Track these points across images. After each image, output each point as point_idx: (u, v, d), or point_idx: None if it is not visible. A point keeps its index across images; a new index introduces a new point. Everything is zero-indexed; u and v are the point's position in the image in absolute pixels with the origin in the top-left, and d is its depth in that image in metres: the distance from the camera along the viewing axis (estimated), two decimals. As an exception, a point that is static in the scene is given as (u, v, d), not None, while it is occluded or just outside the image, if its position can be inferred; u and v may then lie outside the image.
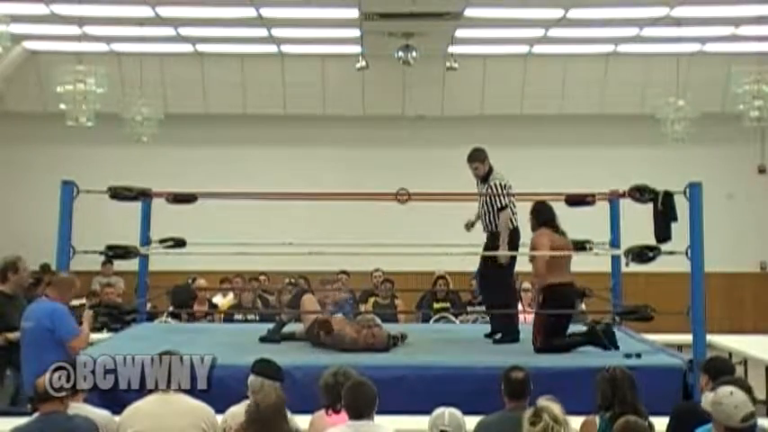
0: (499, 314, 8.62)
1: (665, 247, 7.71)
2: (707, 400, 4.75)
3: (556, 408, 4.67)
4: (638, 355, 7.44)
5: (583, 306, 11.26)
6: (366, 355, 7.66)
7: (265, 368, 5.57)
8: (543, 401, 4.78)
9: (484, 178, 8.61)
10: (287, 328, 8.66)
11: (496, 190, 8.45)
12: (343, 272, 12.87)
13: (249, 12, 12.39)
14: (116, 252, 8.48)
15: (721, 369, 5.67)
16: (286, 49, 14.76)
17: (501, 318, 8.59)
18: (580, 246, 8.92)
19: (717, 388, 4.81)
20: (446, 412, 5.15)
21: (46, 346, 6.86)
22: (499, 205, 8.44)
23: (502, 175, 8.57)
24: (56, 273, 7.84)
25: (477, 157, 8.66)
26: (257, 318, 11.14)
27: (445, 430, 5.07)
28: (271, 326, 8.88)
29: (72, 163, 14.38)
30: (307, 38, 14.11)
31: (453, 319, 10.42)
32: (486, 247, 8.55)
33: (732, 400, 4.60)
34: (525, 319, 10.29)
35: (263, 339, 8.45)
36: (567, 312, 8.11)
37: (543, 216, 8.18)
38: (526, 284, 10.75)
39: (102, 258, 12.64)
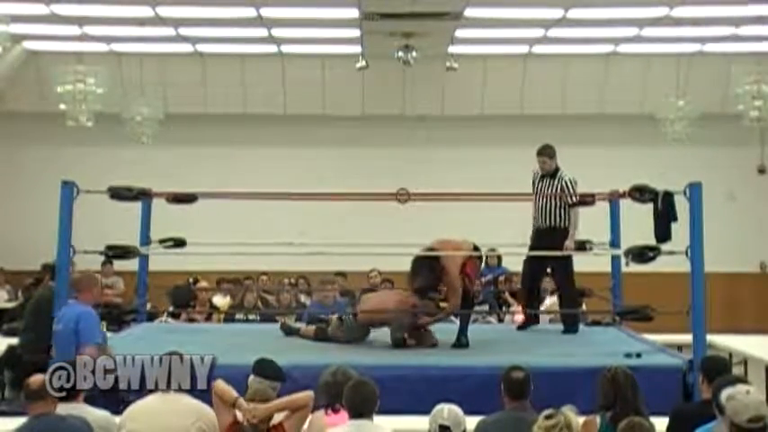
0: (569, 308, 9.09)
1: (665, 247, 7.70)
2: (724, 393, 4.73)
3: (574, 417, 4.69)
4: (639, 355, 7.43)
5: (584, 306, 11.27)
6: (366, 354, 7.66)
7: (266, 368, 5.56)
8: (565, 407, 4.80)
9: (551, 174, 8.88)
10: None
11: (569, 186, 8.76)
12: (339, 273, 12.86)
13: (249, 12, 12.39)
14: (116, 252, 8.47)
15: (716, 368, 5.67)
16: (286, 49, 14.77)
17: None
18: (580, 246, 8.93)
19: (726, 386, 4.80)
20: (446, 408, 5.17)
21: (71, 348, 6.83)
22: (571, 201, 8.72)
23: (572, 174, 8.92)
24: (72, 275, 7.83)
25: (545, 152, 8.99)
26: (258, 318, 11.14)
27: (444, 425, 5.09)
28: (271, 326, 8.92)
29: (72, 163, 14.38)
30: (307, 38, 14.12)
31: (454, 319, 10.39)
32: (540, 244, 8.75)
33: (745, 399, 4.58)
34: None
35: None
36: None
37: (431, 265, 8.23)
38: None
39: (102, 258, 12.64)
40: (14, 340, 9.09)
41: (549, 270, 9.29)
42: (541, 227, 8.87)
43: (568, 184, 8.78)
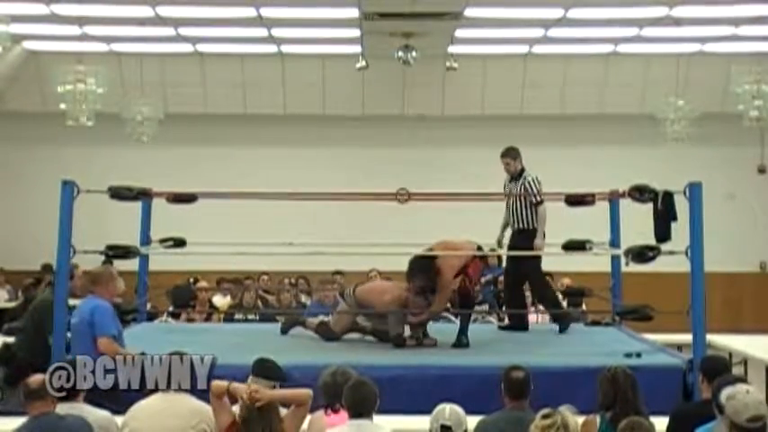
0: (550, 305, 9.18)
1: (665, 247, 7.70)
2: (724, 392, 4.75)
3: (571, 417, 4.70)
4: (639, 355, 7.43)
5: (584, 306, 11.29)
6: (366, 354, 7.67)
7: (266, 368, 5.56)
8: (562, 407, 4.81)
9: (516, 176, 8.91)
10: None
11: (532, 185, 8.79)
12: (338, 272, 12.87)
13: (249, 12, 12.39)
14: (116, 252, 8.46)
15: (716, 368, 5.68)
16: (286, 49, 14.77)
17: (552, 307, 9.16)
18: (580, 246, 8.93)
19: (726, 386, 4.82)
20: (447, 408, 5.18)
21: (87, 341, 6.88)
22: (535, 200, 8.76)
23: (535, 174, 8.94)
24: (91, 269, 7.89)
25: (509, 153, 9.00)
26: (257, 318, 11.14)
27: (446, 425, 5.09)
28: (272, 326, 8.92)
29: (72, 163, 14.38)
30: (307, 38, 14.11)
31: (453, 319, 10.43)
32: (515, 245, 8.84)
33: (745, 398, 4.59)
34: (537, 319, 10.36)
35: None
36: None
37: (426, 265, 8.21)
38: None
39: (102, 258, 12.64)
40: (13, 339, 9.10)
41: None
42: (513, 230, 8.97)
43: (531, 183, 8.82)
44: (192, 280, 12.21)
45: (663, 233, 7.77)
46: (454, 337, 8.27)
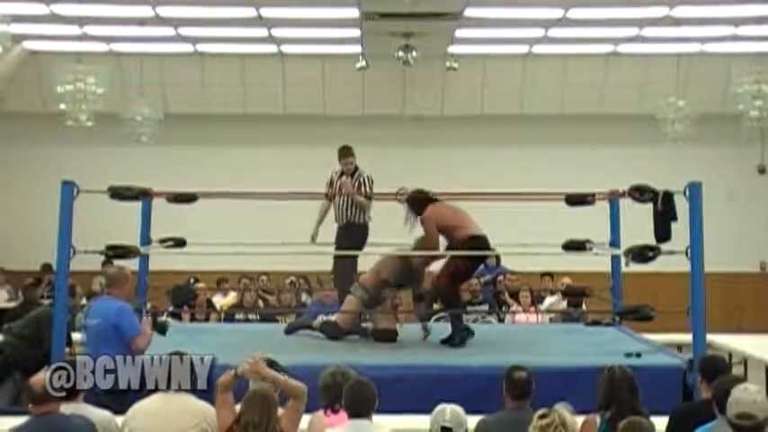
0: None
1: (664, 247, 7.70)
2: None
3: (568, 414, 4.71)
4: (638, 355, 7.44)
5: (584, 306, 11.30)
6: (365, 355, 7.67)
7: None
8: (558, 405, 4.82)
9: (352, 173, 9.22)
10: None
11: (368, 182, 9.15)
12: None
13: (249, 12, 12.40)
14: (116, 252, 8.46)
15: (716, 368, 5.68)
16: (286, 49, 14.77)
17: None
18: (580, 246, 8.93)
19: (726, 386, 4.83)
20: (447, 408, 5.19)
21: (110, 342, 6.86)
22: (366, 195, 9.05)
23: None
24: (105, 269, 7.90)
25: (351, 152, 9.32)
26: (258, 317, 11.15)
27: (446, 426, 5.09)
28: (272, 326, 8.93)
29: (72, 163, 14.37)
30: (307, 38, 14.12)
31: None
32: (338, 240, 9.17)
33: (739, 395, 4.62)
34: (527, 318, 10.36)
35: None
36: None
37: (420, 203, 8.37)
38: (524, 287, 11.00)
39: (102, 258, 12.64)
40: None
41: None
42: (340, 224, 9.20)
43: (366, 180, 9.13)
44: (192, 280, 12.21)
45: (663, 233, 7.77)
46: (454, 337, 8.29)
